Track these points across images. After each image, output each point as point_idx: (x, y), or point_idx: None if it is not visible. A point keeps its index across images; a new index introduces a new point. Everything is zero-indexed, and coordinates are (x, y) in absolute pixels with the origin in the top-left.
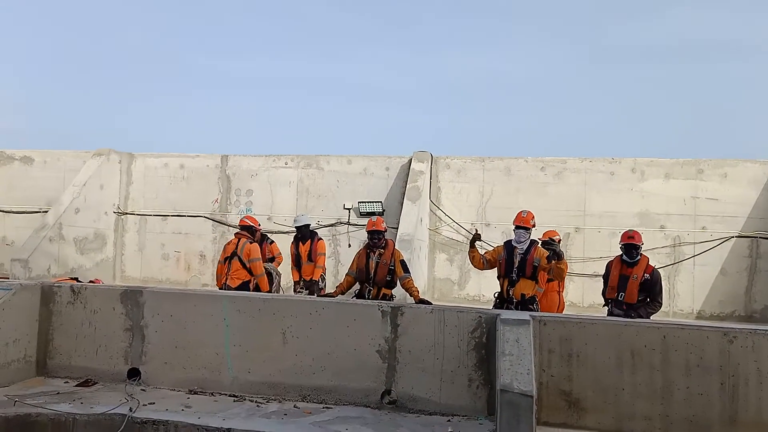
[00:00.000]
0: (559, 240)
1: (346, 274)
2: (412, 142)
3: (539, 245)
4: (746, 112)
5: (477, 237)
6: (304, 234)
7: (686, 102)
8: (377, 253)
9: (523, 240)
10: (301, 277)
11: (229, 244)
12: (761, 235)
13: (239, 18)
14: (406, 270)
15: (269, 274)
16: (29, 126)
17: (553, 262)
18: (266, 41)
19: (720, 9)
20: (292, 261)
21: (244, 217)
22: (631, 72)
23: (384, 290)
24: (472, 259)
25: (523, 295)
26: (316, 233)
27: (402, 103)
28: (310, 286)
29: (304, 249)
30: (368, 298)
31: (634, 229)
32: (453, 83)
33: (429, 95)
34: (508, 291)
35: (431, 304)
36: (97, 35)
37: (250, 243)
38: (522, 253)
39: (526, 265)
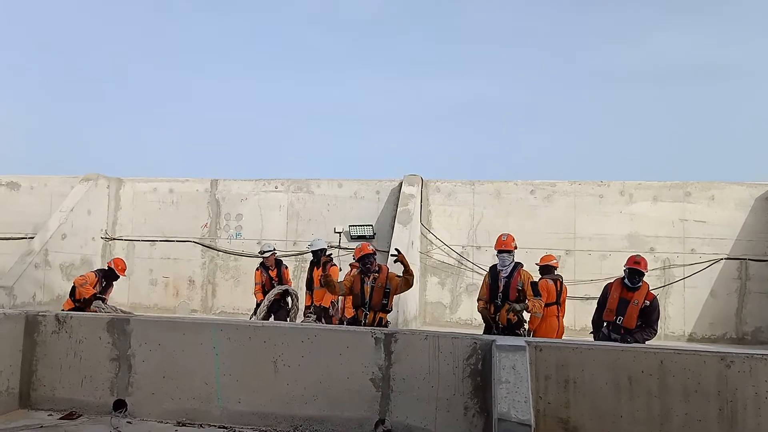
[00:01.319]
0: (556, 264)
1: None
2: (402, 165)
3: (523, 267)
4: (733, 134)
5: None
6: (320, 258)
7: (674, 124)
8: (372, 277)
9: (507, 264)
10: (312, 301)
11: (348, 274)
12: (750, 257)
13: (229, 42)
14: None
15: (292, 297)
16: (13, 151)
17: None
18: (254, 66)
19: (701, 34)
20: (306, 285)
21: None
22: (619, 95)
23: (380, 314)
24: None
25: (509, 320)
26: (331, 258)
27: (392, 127)
28: (319, 312)
29: (317, 274)
30: (364, 324)
31: (623, 249)
32: (443, 107)
33: (420, 119)
34: (494, 316)
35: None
36: (83, 59)
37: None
38: (506, 277)
39: (509, 290)
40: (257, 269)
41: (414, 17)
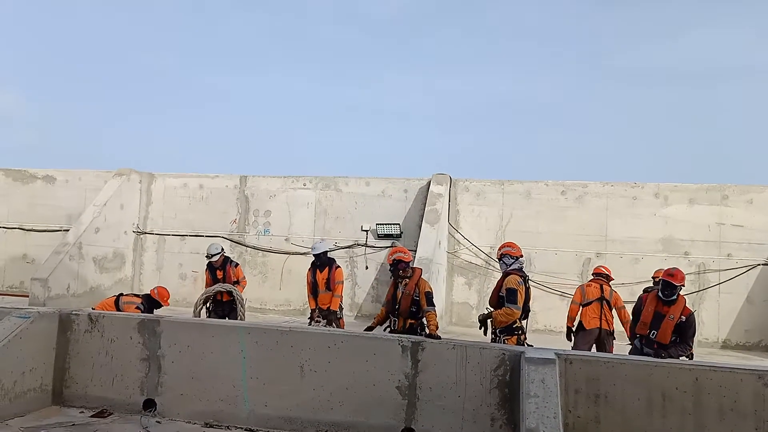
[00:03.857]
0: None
1: (382, 306)
2: (430, 164)
3: (510, 276)
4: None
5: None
6: (323, 261)
7: (708, 126)
8: (403, 282)
9: (502, 270)
10: (317, 305)
11: (589, 287)
12: None
13: (256, 41)
14: (430, 303)
15: (235, 299)
16: (42, 143)
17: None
18: (281, 64)
19: (742, 31)
20: (309, 289)
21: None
22: (652, 95)
23: (409, 321)
24: None
25: (494, 328)
26: (335, 261)
27: (422, 126)
28: (328, 315)
29: (321, 277)
30: (393, 330)
31: (656, 253)
32: (472, 106)
33: (448, 117)
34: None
35: (440, 339)
36: (113, 56)
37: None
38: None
39: (491, 295)
40: (206, 270)
41: (440, 15)
